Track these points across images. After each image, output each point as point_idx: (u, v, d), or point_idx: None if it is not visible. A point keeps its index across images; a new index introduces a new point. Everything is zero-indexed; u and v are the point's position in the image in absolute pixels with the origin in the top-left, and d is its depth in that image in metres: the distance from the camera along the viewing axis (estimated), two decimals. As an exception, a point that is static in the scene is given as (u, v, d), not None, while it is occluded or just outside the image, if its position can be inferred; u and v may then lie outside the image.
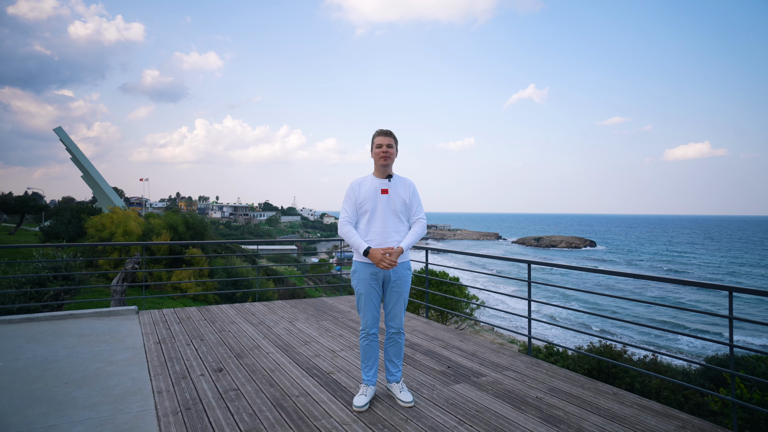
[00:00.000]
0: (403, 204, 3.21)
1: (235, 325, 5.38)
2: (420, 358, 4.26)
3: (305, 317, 5.87)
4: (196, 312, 6.06)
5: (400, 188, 3.23)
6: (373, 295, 3.18)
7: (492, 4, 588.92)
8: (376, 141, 3.20)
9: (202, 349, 4.43)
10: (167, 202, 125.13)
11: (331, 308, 6.44)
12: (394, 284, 3.19)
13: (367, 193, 3.16)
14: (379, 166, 3.20)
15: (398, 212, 3.18)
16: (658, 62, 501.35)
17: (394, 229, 3.17)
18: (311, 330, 5.23)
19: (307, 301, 6.91)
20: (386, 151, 3.15)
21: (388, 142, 3.17)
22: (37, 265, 7.22)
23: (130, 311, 5.77)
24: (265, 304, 6.61)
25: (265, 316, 5.87)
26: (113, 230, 20.54)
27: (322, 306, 6.58)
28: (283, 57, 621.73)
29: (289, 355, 4.29)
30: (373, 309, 3.21)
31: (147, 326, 5.23)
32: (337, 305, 6.63)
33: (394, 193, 3.19)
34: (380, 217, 3.15)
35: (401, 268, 3.20)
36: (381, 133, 3.20)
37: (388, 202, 3.16)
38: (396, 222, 3.18)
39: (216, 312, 6.09)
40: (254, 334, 5.00)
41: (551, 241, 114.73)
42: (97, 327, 5.04)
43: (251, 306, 6.49)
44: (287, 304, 6.69)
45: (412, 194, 3.25)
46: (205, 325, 5.36)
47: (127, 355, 4.12)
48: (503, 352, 4.47)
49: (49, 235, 22.57)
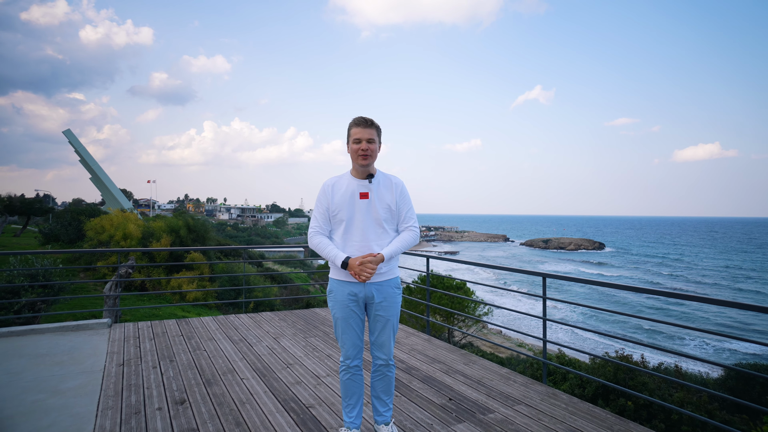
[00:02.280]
0: (387, 210, 2.57)
1: (213, 343, 4.83)
2: (417, 387, 3.68)
3: (292, 333, 5.31)
4: (174, 326, 5.52)
5: (384, 190, 2.58)
6: (354, 319, 2.59)
7: (496, 7, 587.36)
8: (353, 134, 2.51)
9: (168, 373, 3.89)
10: (175, 204, 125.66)
11: (323, 321, 5.87)
12: (378, 307, 2.58)
13: (343, 198, 2.53)
14: (357, 165, 2.55)
15: (382, 221, 2.55)
16: (665, 62, 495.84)
17: (377, 242, 2.54)
18: (297, 348, 4.67)
19: (297, 313, 6.36)
20: (366, 148, 2.48)
21: (369, 135, 2.49)
22: (11, 273, 6.74)
23: (101, 325, 5.25)
24: (251, 317, 6.07)
25: (248, 332, 5.32)
26: (112, 233, 20.18)
27: (313, 319, 6.02)
28: (289, 60, 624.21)
29: (267, 381, 3.73)
30: (354, 336, 2.62)
31: (115, 343, 4.70)
32: (329, 318, 6.05)
33: (377, 197, 2.55)
34: (359, 227, 2.52)
35: (387, 287, 2.59)
36: (359, 123, 2.50)
37: (369, 208, 2.53)
38: (380, 233, 2.55)
39: (196, 326, 5.55)
40: (232, 354, 4.44)
41: (559, 243, 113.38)
42: (57, 345, 4.52)
43: (235, 319, 5.95)
44: (275, 316, 6.14)
45: (400, 196, 2.60)
46: (179, 342, 4.82)
47: (79, 381, 3.59)
48: (514, 380, 3.87)
49: (49, 238, 22.27)
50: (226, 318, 5.96)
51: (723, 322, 32.32)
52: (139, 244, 19.74)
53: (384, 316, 2.60)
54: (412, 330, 5.49)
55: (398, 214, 2.61)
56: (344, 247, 2.55)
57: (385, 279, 2.58)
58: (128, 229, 20.25)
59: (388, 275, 2.59)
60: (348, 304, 2.57)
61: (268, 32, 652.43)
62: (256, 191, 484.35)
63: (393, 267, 2.64)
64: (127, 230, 20.10)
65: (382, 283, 2.58)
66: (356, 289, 2.55)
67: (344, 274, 2.55)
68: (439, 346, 4.85)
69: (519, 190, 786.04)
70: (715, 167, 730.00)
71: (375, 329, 2.65)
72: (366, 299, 2.58)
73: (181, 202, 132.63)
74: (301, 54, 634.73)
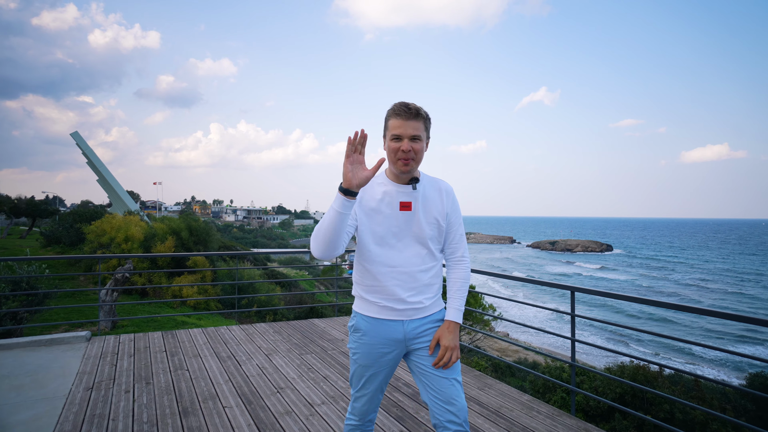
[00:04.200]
0: (436, 226, 1.86)
1: (198, 360, 4.36)
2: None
3: (287, 348, 4.82)
4: (158, 339, 5.06)
5: (432, 199, 1.88)
6: (386, 372, 1.89)
7: (499, 9, 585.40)
8: (391, 127, 1.79)
9: (142, 399, 3.41)
10: (182, 206, 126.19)
11: (321, 335, 5.38)
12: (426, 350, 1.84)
13: (376, 208, 1.83)
14: (395, 170, 1.83)
15: (428, 240, 1.84)
16: (671, 63, 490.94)
17: (420, 269, 1.84)
18: (290, 368, 4.18)
19: (294, 324, 5.87)
20: (409, 149, 1.74)
21: (413, 131, 1.74)
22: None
23: (78, 338, 4.79)
24: (243, 329, 5.59)
25: (239, 347, 4.84)
26: (113, 235, 19.88)
27: (311, 331, 5.53)
28: (293, 62, 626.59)
29: (252, 410, 3.24)
30: (377, 391, 1.92)
31: (90, 361, 4.24)
32: (329, 331, 5.56)
33: (422, 209, 1.85)
34: (398, 250, 1.83)
35: (431, 322, 1.88)
36: (399, 113, 1.76)
37: (412, 223, 1.83)
38: (423, 257, 1.85)
39: (182, 339, 5.08)
40: (217, 375, 3.96)
41: (567, 245, 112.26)
42: (23, 363, 4.07)
43: (226, 331, 5.47)
44: (270, 328, 5.66)
45: (452, 208, 1.91)
46: (161, 360, 4.34)
47: (35, 411, 3.12)
48: (538, 410, 3.35)
49: (51, 240, 22.02)
50: (216, 330, 5.49)
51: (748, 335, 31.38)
52: (140, 246, 19.42)
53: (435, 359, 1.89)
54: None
55: (448, 233, 1.92)
56: (374, 280, 1.83)
57: (433, 312, 1.90)
58: (129, 231, 19.94)
59: (435, 307, 1.90)
60: (383, 351, 1.85)
61: (274, 35, 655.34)
62: (262, 193, 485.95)
63: (438, 299, 1.93)
64: (128, 233, 19.79)
65: (431, 318, 1.89)
66: (398, 330, 1.83)
67: (381, 309, 1.82)
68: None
69: (524, 192, 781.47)
70: (724, 168, 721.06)
71: (434, 382, 1.84)
72: (408, 342, 1.86)
73: (188, 203, 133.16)
74: (305, 57, 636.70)
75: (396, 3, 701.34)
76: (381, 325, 1.84)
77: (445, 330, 1.82)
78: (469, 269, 1.94)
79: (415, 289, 1.83)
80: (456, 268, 1.94)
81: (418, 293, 1.84)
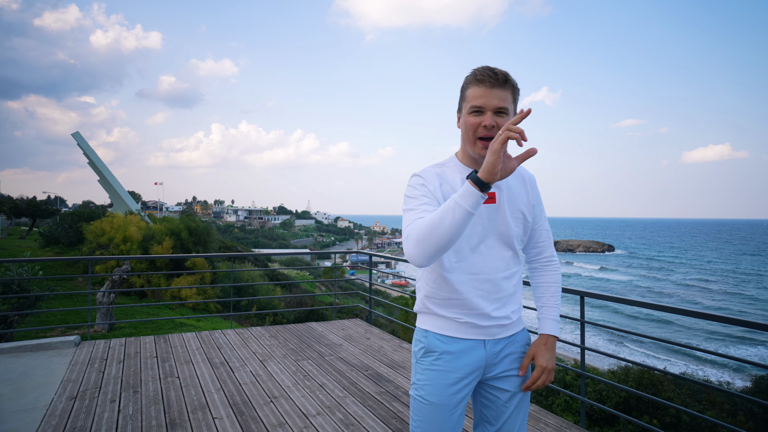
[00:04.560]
0: (522, 222, 1.53)
1: (190, 367, 4.18)
2: None
3: (283, 353, 4.64)
4: (150, 344, 4.88)
5: (518, 189, 1.54)
6: (462, 406, 1.49)
7: (500, 9, 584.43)
8: (470, 97, 1.41)
9: (128, 410, 3.23)
10: (183, 206, 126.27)
11: (319, 339, 5.20)
12: (507, 378, 1.52)
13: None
14: (473, 152, 1.45)
15: (513, 239, 1.51)
16: (672, 63, 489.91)
17: (504, 276, 1.51)
18: (285, 375, 4.00)
19: (291, 328, 5.69)
20: (493, 124, 1.37)
21: (498, 102, 1.37)
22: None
23: (66, 343, 4.62)
24: (239, 333, 5.41)
25: (233, 352, 4.66)
26: (112, 235, 19.74)
27: (308, 335, 5.35)
28: (295, 63, 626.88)
29: (243, 422, 3.06)
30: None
31: (76, 368, 4.07)
32: (327, 335, 5.38)
33: (508, 201, 1.51)
34: (478, 250, 1.47)
35: (516, 344, 1.56)
36: (482, 80, 1.38)
37: (496, 219, 1.48)
38: (507, 260, 1.52)
39: (174, 344, 4.90)
40: (208, 383, 3.78)
41: (568, 245, 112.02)
42: (5, 371, 3.89)
43: (221, 336, 5.29)
44: (266, 332, 5.48)
45: (537, 199, 1.59)
46: (151, 366, 4.17)
47: (11, 425, 2.95)
48: (546, 422, 3.16)
49: (50, 240, 21.89)
50: (210, 335, 5.31)
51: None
52: (139, 247, 19.27)
53: (513, 391, 1.53)
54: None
55: (531, 230, 1.60)
56: (452, 291, 1.47)
57: (515, 332, 1.56)
58: (128, 231, 19.79)
59: (515, 327, 1.57)
60: (461, 381, 1.46)
61: (275, 36, 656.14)
62: (263, 193, 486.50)
63: (519, 318, 1.60)
64: (127, 233, 19.65)
65: (514, 339, 1.56)
66: (480, 353, 1.48)
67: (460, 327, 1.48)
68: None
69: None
70: (726, 168, 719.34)
71: (507, 422, 1.53)
72: (486, 370, 1.52)
73: (189, 204, 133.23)
74: (306, 57, 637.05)
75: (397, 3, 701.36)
76: (461, 346, 1.47)
77: (542, 346, 1.51)
78: (560, 272, 1.64)
79: (500, 301, 1.49)
80: (546, 270, 1.63)
81: (503, 306, 1.50)
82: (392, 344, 5.02)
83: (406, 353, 4.68)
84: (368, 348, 4.86)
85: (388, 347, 4.90)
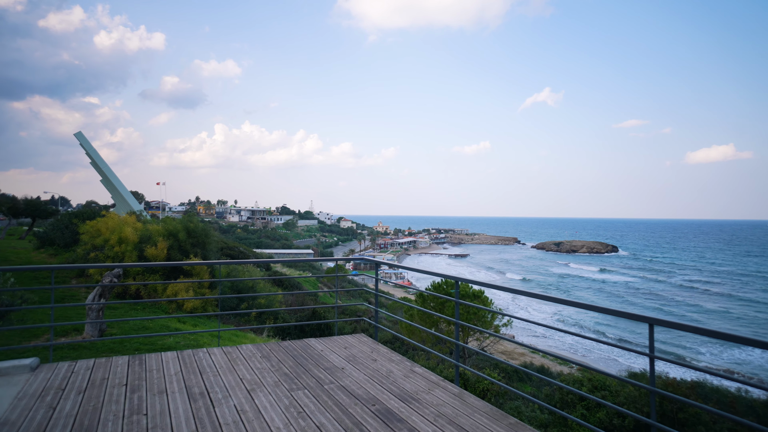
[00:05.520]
0: None
1: (163, 399, 3.50)
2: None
3: (275, 380, 3.94)
4: (122, 367, 4.20)
5: None
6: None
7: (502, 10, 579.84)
8: None
9: (73, 464, 2.55)
10: (186, 206, 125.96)
11: (318, 360, 4.50)
12: None
13: None
14: None
15: None
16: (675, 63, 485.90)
17: None
18: (276, 411, 3.31)
19: (286, 346, 5.00)
20: None
21: None
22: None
23: (19, 369, 3.94)
24: (227, 352, 4.73)
25: (216, 378, 3.97)
26: (107, 236, 19.13)
27: (305, 355, 4.66)
28: (298, 64, 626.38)
29: (217, 486, 2.38)
30: None
31: (23, 401, 3.39)
32: (327, 355, 4.69)
33: None
34: None
35: None
36: None
37: None
38: None
39: (151, 368, 4.22)
40: (182, 423, 3.10)
41: (572, 246, 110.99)
42: (-63, 407, 3.21)
43: (206, 356, 4.61)
44: (257, 351, 4.78)
45: None
46: (117, 398, 3.49)
47: None
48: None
49: (44, 241, 21.30)
50: (194, 355, 4.62)
51: None
52: (134, 248, 18.65)
53: None
54: (435, 377, 4.09)
55: None
56: None
57: None
58: (124, 232, 19.17)
59: None
60: None
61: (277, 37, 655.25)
62: (266, 193, 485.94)
63: None
64: (122, 234, 19.03)
65: None
66: None
67: None
68: (476, 408, 3.45)
69: (528, 193, 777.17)
70: (729, 169, 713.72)
71: None
72: None
73: (192, 204, 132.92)
74: (309, 58, 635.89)
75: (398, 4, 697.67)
76: None
77: None
78: None
79: None
80: None
81: None
82: (402, 368, 4.33)
83: (419, 380, 3.98)
84: (375, 373, 4.17)
85: (398, 372, 4.21)
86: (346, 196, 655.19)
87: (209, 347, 4.87)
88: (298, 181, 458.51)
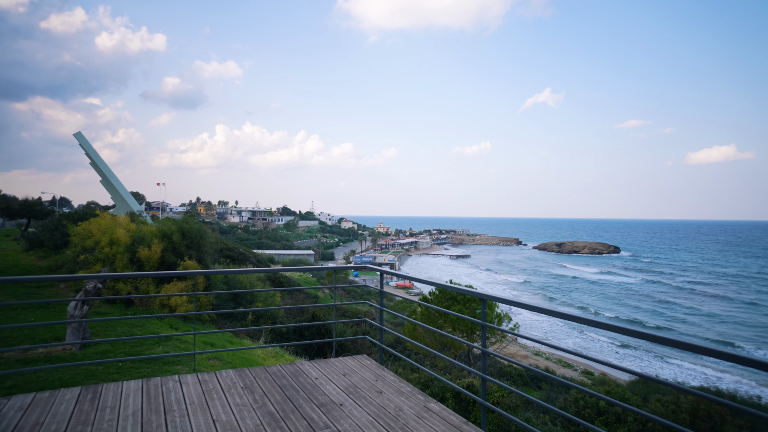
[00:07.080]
0: None
1: (107, 456, 2.70)
2: None
3: (256, 422, 3.14)
4: (68, 403, 3.39)
5: None
6: None
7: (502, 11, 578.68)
8: None
9: None
10: (187, 207, 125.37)
11: (311, 393, 3.70)
12: None
13: None
14: None
15: None
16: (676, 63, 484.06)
17: None
18: (252, 475, 2.51)
19: (274, 371, 4.19)
20: None
21: None
22: None
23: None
24: (203, 380, 3.92)
25: (184, 420, 3.17)
26: (99, 238, 18.38)
27: (296, 385, 3.85)
28: (299, 64, 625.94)
29: None
30: None
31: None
32: (322, 384, 3.88)
33: None
34: None
35: None
36: None
37: None
38: None
39: (105, 403, 3.42)
40: (122, 497, 2.30)
41: (573, 246, 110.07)
42: None
43: (177, 386, 3.80)
44: (240, 379, 3.98)
45: None
46: (48, 454, 2.69)
47: None
48: None
49: (34, 243, 20.56)
50: (162, 385, 3.82)
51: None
52: (126, 250, 17.89)
53: None
54: (456, 419, 3.27)
55: None
56: None
57: None
58: (116, 234, 18.42)
59: None
60: None
61: (278, 38, 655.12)
62: (267, 194, 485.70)
63: None
64: (114, 235, 18.27)
65: None
66: None
67: None
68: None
69: (529, 193, 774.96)
70: (731, 169, 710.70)
71: None
72: None
73: (193, 204, 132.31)
74: (310, 59, 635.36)
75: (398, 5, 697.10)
76: None
77: None
78: None
79: None
80: None
81: None
82: (414, 403, 3.52)
83: (436, 424, 3.17)
84: (381, 411, 3.36)
85: (410, 409, 3.40)
86: (347, 197, 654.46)
87: (182, 374, 4.07)
88: (299, 182, 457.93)
